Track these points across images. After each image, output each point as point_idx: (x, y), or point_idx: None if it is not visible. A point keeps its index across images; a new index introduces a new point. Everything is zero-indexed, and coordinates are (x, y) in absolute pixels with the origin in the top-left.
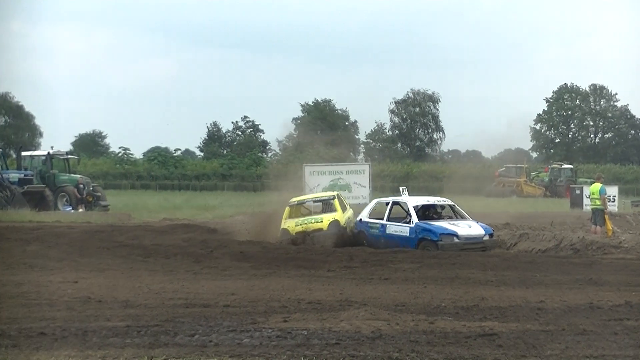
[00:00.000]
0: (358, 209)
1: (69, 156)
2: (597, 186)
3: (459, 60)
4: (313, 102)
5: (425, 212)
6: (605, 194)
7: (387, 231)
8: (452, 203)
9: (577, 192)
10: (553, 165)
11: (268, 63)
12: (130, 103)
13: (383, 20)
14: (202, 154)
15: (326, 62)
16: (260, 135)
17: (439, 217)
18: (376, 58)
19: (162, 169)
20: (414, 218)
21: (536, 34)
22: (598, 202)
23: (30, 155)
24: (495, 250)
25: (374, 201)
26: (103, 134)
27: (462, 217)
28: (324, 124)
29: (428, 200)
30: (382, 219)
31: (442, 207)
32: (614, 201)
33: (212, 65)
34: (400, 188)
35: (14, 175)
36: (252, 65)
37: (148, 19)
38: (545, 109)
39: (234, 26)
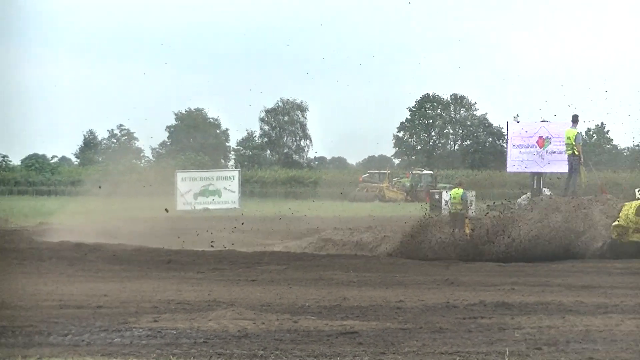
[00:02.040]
0: (227, 213)
1: None
2: (459, 191)
3: (326, 70)
4: (186, 111)
5: None
6: (467, 198)
7: None
8: None
9: (437, 196)
10: (414, 171)
11: (144, 72)
12: (8, 109)
13: (253, 32)
14: (78, 160)
15: (199, 72)
16: (135, 143)
17: None
18: (248, 68)
19: (39, 175)
20: None
21: (399, 44)
22: (459, 207)
23: None
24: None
25: None
26: None
27: None
28: (196, 132)
29: None
30: None
31: None
32: (472, 205)
33: (88, 74)
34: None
35: None
36: (128, 73)
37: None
38: (409, 117)
39: (110, 35)
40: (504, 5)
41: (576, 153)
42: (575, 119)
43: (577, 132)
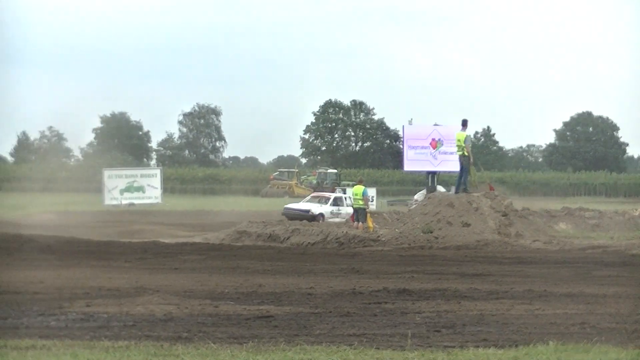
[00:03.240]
0: (151, 208)
1: None
2: (360, 188)
3: (236, 77)
4: (111, 114)
5: None
6: (368, 195)
7: None
8: None
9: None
10: (320, 170)
11: (72, 79)
12: None
13: (174, 41)
14: (13, 159)
15: (123, 77)
16: (65, 143)
17: None
18: (167, 74)
19: None
20: None
21: (304, 53)
22: (361, 202)
23: None
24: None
25: None
26: None
27: None
28: (120, 134)
29: None
30: None
31: None
32: (372, 201)
33: (24, 81)
34: None
35: None
36: (55, 81)
37: None
38: (313, 120)
39: (36, 40)
40: (401, 19)
41: (466, 154)
42: (464, 123)
43: (467, 135)
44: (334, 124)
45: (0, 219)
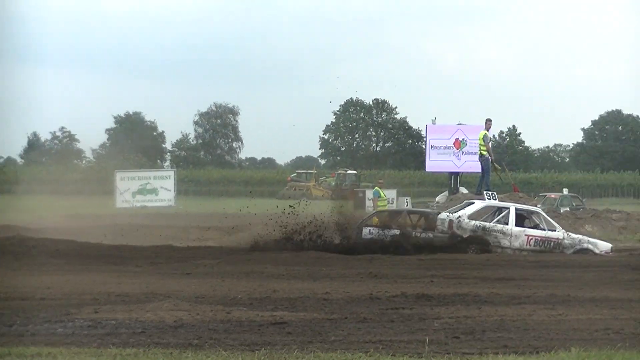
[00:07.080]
0: (164, 210)
1: None
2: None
3: (254, 76)
4: (125, 114)
5: None
6: (378, 196)
7: None
8: None
9: (360, 195)
10: (339, 171)
11: (83, 77)
12: None
13: (188, 38)
14: (23, 161)
15: (137, 76)
16: (76, 144)
17: None
18: (183, 73)
19: None
20: None
21: (325, 51)
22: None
23: None
24: None
25: None
26: None
27: None
28: (134, 134)
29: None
30: None
31: None
32: (392, 203)
33: (27, 78)
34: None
35: None
36: (67, 80)
37: None
38: (334, 120)
39: (50, 41)
40: (423, 15)
41: (483, 153)
42: (487, 122)
43: (485, 133)
44: (354, 124)
45: (8, 222)
